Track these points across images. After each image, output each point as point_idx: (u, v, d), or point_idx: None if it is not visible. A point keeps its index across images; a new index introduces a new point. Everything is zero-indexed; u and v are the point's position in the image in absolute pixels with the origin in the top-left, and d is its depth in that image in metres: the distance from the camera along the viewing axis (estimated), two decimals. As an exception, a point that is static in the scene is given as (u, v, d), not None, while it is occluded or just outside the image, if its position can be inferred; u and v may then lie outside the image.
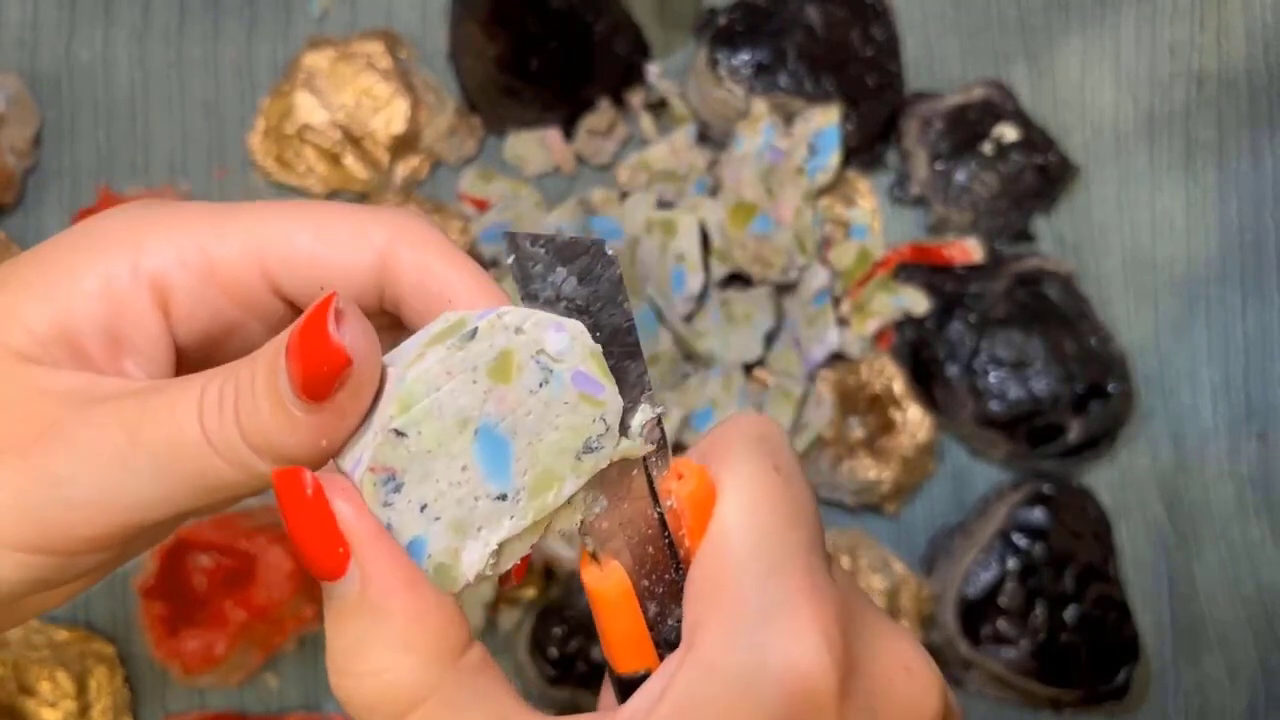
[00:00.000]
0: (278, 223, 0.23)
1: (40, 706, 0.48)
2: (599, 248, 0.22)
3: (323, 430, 0.20)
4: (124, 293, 0.22)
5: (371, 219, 0.23)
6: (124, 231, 0.23)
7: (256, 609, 0.49)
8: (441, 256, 0.23)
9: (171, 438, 0.20)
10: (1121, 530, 0.54)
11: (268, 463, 0.21)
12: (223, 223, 0.23)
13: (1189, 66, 0.57)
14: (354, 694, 0.20)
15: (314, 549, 0.20)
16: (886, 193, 0.56)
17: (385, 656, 0.20)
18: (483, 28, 0.53)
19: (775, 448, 0.24)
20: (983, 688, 0.52)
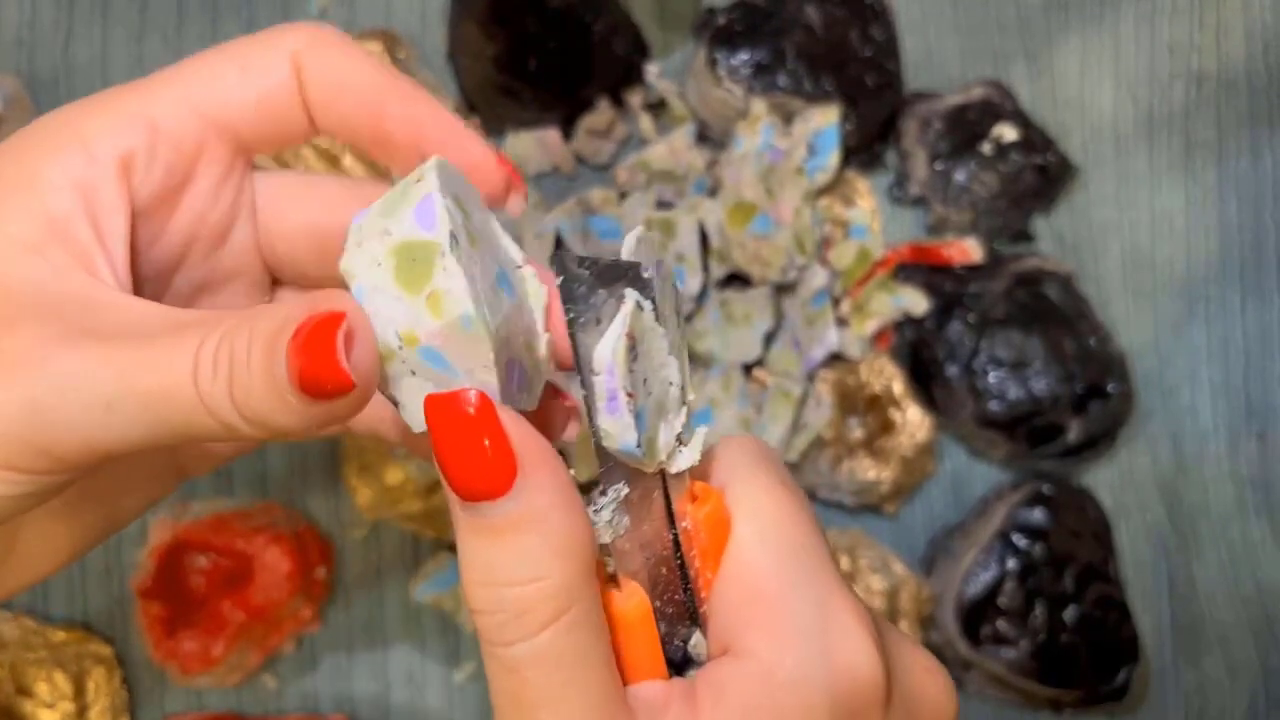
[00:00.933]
0: (202, 70, 0.24)
1: (38, 707, 0.48)
2: (636, 271, 0.22)
3: (311, 420, 0.21)
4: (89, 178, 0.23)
5: (272, 33, 0.25)
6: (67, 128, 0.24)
7: (254, 610, 0.49)
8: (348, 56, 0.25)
9: (163, 389, 0.21)
10: (1121, 530, 0.54)
11: (252, 429, 0.21)
12: (152, 88, 0.24)
13: (1188, 66, 0.57)
14: (505, 602, 0.21)
15: (474, 466, 0.20)
16: (886, 193, 0.56)
17: (545, 564, 0.21)
18: (481, 28, 0.53)
19: (774, 462, 0.25)
20: (983, 688, 0.52)
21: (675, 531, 0.24)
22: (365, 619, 0.52)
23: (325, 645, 0.51)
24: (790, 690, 0.22)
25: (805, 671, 0.22)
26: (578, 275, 0.22)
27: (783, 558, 0.23)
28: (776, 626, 0.22)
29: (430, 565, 0.51)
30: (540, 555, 0.21)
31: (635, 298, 0.22)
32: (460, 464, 0.20)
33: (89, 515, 0.27)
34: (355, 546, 0.52)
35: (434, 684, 0.52)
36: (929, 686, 0.25)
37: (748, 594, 0.23)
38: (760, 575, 0.23)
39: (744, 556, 0.23)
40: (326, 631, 0.51)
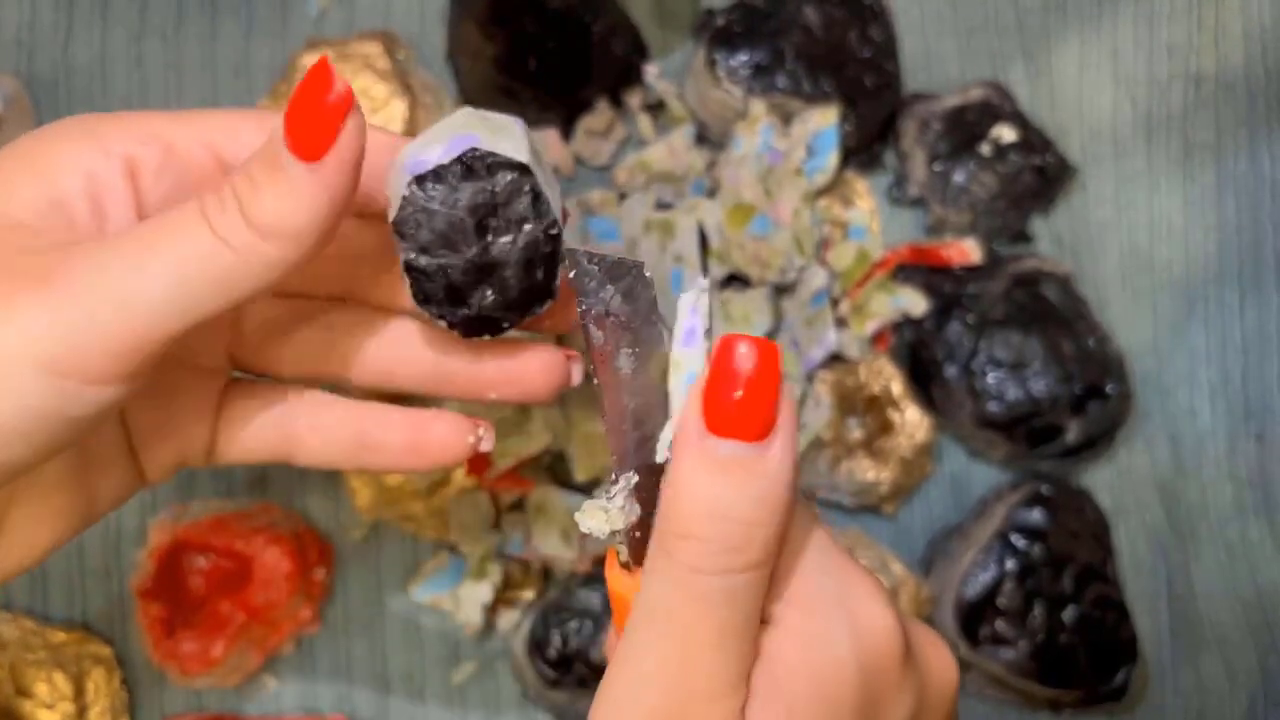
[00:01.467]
0: (224, 119, 0.26)
1: (38, 708, 0.48)
2: (639, 269, 0.25)
3: (325, 188, 0.23)
4: (100, 169, 0.25)
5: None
6: (85, 127, 0.25)
7: (254, 610, 0.49)
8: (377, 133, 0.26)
9: (182, 236, 0.23)
10: (1120, 531, 0.54)
11: (275, 244, 0.23)
12: (172, 117, 0.26)
13: (1187, 68, 0.57)
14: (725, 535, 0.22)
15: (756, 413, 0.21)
16: (885, 193, 0.56)
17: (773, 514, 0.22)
18: (480, 28, 0.53)
19: None
20: (981, 689, 0.52)
21: None
22: (365, 620, 0.52)
23: (325, 646, 0.52)
24: (821, 650, 0.23)
25: (832, 633, 0.23)
26: (588, 270, 0.24)
27: (799, 535, 0.24)
28: (801, 596, 0.24)
29: (430, 566, 0.51)
30: (774, 505, 0.22)
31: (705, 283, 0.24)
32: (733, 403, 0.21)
33: (69, 511, 0.27)
34: (354, 547, 0.52)
35: (433, 684, 0.52)
36: (935, 657, 0.26)
37: (777, 574, 0.24)
38: (786, 557, 0.24)
39: None
40: (326, 632, 0.52)
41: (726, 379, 0.21)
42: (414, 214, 0.25)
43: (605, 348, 0.24)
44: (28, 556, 0.27)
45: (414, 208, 0.25)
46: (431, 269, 0.25)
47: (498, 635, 0.52)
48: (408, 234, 0.25)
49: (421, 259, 0.25)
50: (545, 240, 0.26)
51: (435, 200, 0.25)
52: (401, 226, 0.25)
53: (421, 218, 0.25)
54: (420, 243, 0.25)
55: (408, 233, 0.25)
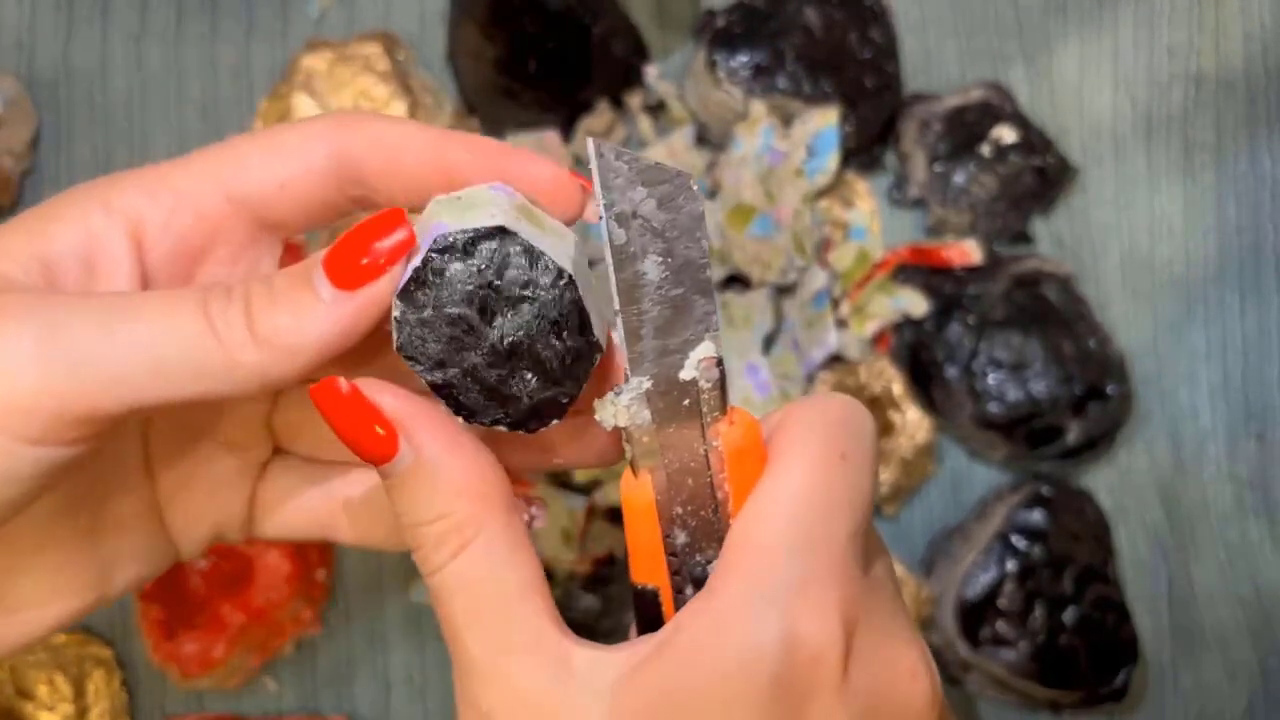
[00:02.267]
0: (231, 151, 0.25)
1: (38, 710, 0.48)
2: (684, 180, 0.23)
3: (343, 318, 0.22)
4: (97, 226, 0.24)
5: (311, 120, 0.26)
6: (97, 183, 0.25)
7: (254, 612, 0.49)
8: (381, 121, 0.25)
9: (168, 312, 0.22)
10: (1120, 532, 0.54)
11: (267, 354, 0.22)
12: (185, 161, 0.25)
13: (1187, 68, 0.57)
14: (422, 539, 0.24)
15: (366, 440, 0.23)
16: (885, 194, 0.56)
17: (443, 504, 0.23)
18: (481, 29, 0.53)
19: (850, 433, 0.25)
20: (982, 690, 0.52)
21: (705, 449, 0.25)
22: (365, 621, 0.52)
23: (325, 647, 0.52)
24: (736, 643, 0.22)
25: (757, 630, 0.22)
26: (614, 167, 0.23)
27: (794, 518, 0.23)
28: (748, 581, 0.23)
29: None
30: (437, 497, 0.23)
31: None
32: (352, 439, 0.23)
33: (78, 589, 0.27)
34: (355, 550, 0.52)
35: (434, 686, 0.52)
36: (907, 688, 0.25)
37: (743, 540, 0.24)
38: (764, 526, 0.23)
39: (759, 504, 0.24)
40: (326, 634, 0.51)
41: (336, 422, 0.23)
42: (412, 332, 0.23)
43: (628, 248, 0.23)
44: (32, 631, 0.26)
45: (409, 326, 0.23)
46: (456, 380, 0.23)
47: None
48: (416, 356, 0.23)
49: (440, 374, 0.23)
50: (560, 295, 0.23)
51: (426, 308, 0.23)
52: (407, 350, 0.23)
53: (421, 333, 0.23)
54: (431, 359, 0.23)
55: (415, 354, 0.23)
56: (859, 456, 0.24)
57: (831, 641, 0.23)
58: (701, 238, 0.24)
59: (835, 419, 0.25)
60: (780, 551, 0.23)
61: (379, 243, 0.22)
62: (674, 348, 0.24)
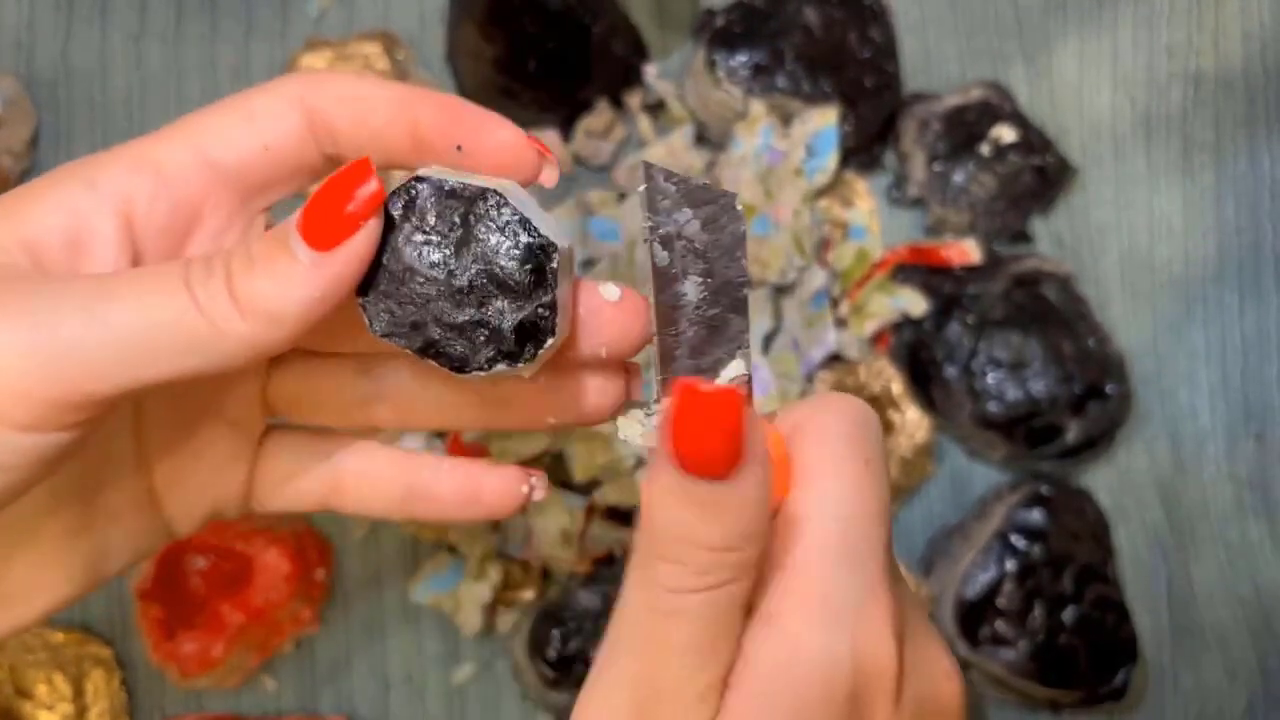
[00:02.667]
0: (208, 119, 0.25)
1: (37, 709, 0.48)
2: (729, 200, 0.23)
3: (325, 279, 0.22)
4: (82, 205, 0.24)
5: (277, 82, 0.25)
6: (79, 163, 0.25)
7: (254, 611, 0.49)
8: (348, 79, 0.25)
9: (150, 291, 0.22)
10: (1120, 531, 0.54)
11: (252, 324, 0.22)
12: (163, 134, 0.25)
13: (1186, 68, 0.57)
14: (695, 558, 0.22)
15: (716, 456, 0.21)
16: (884, 194, 0.56)
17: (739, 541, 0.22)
18: (480, 29, 0.53)
19: (869, 439, 0.25)
20: (982, 689, 0.52)
21: None
22: (364, 620, 0.52)
23: (324, 647, 0.51)
24: (816, 661, 0.23)
25: (831, 651, 0.23)
26: (663, 189, 0.23)
27: (837, 537, 0.24)
28: (811, 601, 0.23)
29: (429, 566, 0.51)
30: (739, 534, 0.22)
31: None
32: (696, 444, 0.21)
33: (72, 572, 0.27)
34: (354, 548, 0.52)
35: (433, 685, 0.52)
36: (943, 691, 0.26)
37: (794, 562, 0.24)
38: (812, 547, 0.24)
39: (800, 524, 0.24)
40: (326, 633, 0.51)
41: (688, 425, 0.21)
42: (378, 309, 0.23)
43: (670, 270, 0.23)
44: (24, 618, 0.26)
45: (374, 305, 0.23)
46: (438, 336, 0.23)
47: (497, 636, 0.52)
48: (393, 332, 0.23)
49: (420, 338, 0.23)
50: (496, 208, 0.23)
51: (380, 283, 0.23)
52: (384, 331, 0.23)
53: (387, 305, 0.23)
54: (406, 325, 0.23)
55: (393, 331, 0.23)
56: (879, 462, 0.25)
57: (890, 656, 0.23)
58: (741, 257, 0.24)
59: (855, 425, 0.25)
60: (835, 571, 0.23)
61: (350, 199, 0.22)
62: (706, 366, 0.24)
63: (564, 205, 0.53)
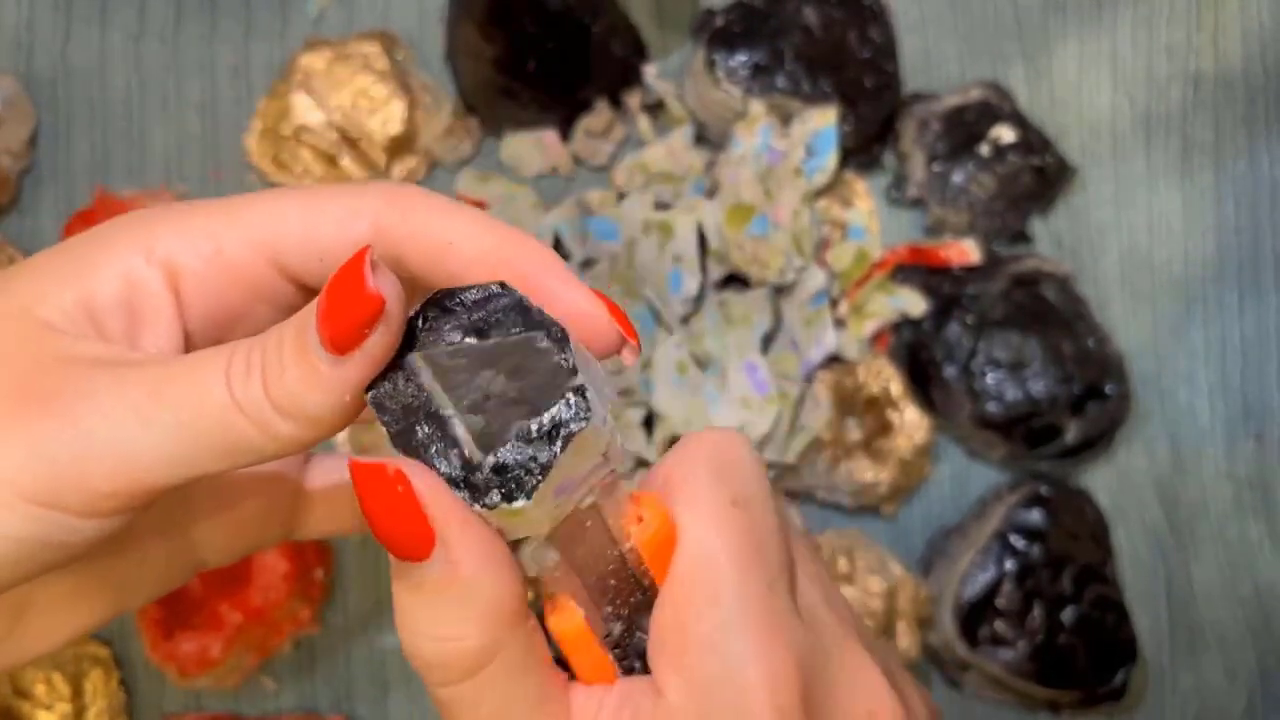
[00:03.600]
0: (277, 206, 0.24)
1: (36, 709, 0.48)
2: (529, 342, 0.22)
3: (346, 383, 0.21)
4: (140, 275, 0.23)
5: (360, 190, 0.24)
6: (138, 225, 0.24)
7: (252, 611, 0.48)
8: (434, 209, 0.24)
9: (196, 396, 0.21)
10: (1119, 531, 0.54)
11: (290, 424, 0.21)
12: (229, 211, 0.24)
13: (1186, 68, 0.57)
14: (425, 653, 0.22)
15: (400, 536, 0.21)
16: (884, 194, 0.56)
17: (461, 627, 0.22)
18: (480, 29, 0.53)
19: (734, 476, 0.24)
20: (981, 689, 0.52)
21: (620, 551, 0.23)
22: (363, 620, 0.52)
23: (323, 647, 0.51)
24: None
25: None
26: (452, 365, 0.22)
27: (714, 596, 0.23)
28: (691, 673, 0.22)
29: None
30: (458, 617, 0.22)
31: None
32: (384, 526, 0.21)
33: (98, 599, 0.27)
34: (353, 548, 0.52)
35: (432, 685, 0.52)
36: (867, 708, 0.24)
37: (673, 632, 0.23)
38: (688, 613, 0.23)
39: (677, 590, 0.23)
40: (325, 633, 0.51)
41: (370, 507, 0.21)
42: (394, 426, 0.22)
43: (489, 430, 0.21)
44: (45, 642, 0.26)
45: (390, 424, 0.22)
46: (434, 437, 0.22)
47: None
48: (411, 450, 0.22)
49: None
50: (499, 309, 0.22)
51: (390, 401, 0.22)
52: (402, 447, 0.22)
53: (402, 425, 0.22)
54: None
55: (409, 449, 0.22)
56: (750, 497, 0.24)
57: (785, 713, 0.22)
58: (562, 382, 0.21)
59: (715, 464, 0.24)
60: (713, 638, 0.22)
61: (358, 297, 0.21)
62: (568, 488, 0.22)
63: (563, 205, 0.53)
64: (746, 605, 0.23)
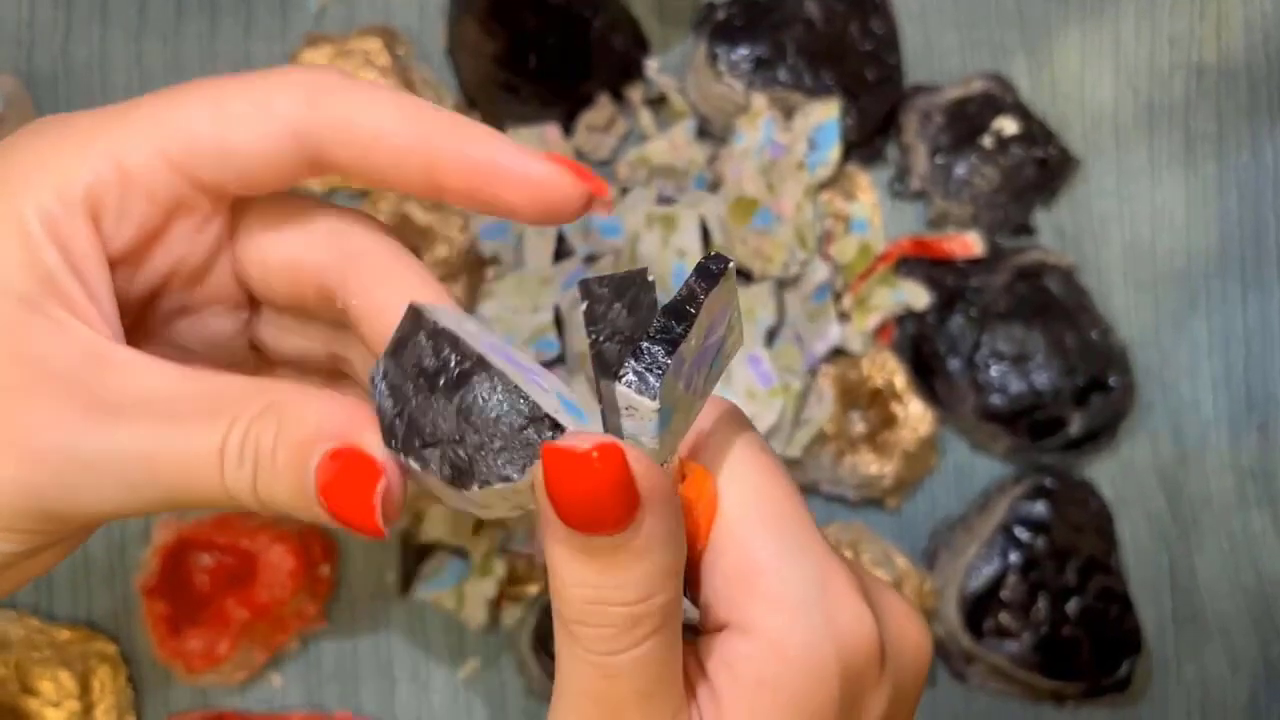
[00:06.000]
0: (176, 111, 0.22)
1: (43, 706, 0.48)
2: (643, 276, 0.23)
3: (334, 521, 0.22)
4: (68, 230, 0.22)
5: (273, 83, 0.22)
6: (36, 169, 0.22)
7: (258, 608, 0.49)
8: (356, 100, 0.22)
9: (188, 475, 0.21)
10: (1123, 523, 0.54)
11: (270, 511, 0.22)
12: (128, 125, 0.22)
13: (1189, 58, 0.57)
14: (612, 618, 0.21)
15: (606, 511, 0.20)
16: (886, 187, 0.56)
17: (656, 585, 0.21)
18: (481, 24, 0.53)
19: (754, 429, 0.25)
20: (985, 681, 0.52)
21: None
22: (369, 617, 0.52)
23: (329, 643, 0.52)
24: (802, 661, 0.22)
25: (813, 641, 0.22)
26: (598, 295, 0.23)
27: (774, 528, 0.23)
28: (777, 599, 0.23)
29: (429, 565, 0.51)
30: (654, 577, 0.21)
31: None
32: (583, 505, 0.20)
33: None
34: (358, 544, 0.52)
35: (438, 681, 0.52)
36: (909, 633, 0.25)
37: (743, 568, 0.23)
38: (754, 548, 0.23)
39: (735, 530, 0.23)
40: (330, 629, 0.52)
41: (565, 485, 0.20)
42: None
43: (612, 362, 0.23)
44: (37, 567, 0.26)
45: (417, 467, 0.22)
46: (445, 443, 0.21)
47: (502, 630, 0.52)
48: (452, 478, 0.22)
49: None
50: None
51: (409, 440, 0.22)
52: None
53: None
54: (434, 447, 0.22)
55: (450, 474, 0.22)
56: (765, 445, 0.25)
57: (869, 627, 0.23)
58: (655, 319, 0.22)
59: (737, 420, 0.25)
60: (783, 567, 0.23)
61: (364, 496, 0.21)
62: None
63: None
64: (804, 530, 0.23)
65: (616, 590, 0.21)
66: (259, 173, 0.23)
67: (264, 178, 0.23)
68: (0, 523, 0.21)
